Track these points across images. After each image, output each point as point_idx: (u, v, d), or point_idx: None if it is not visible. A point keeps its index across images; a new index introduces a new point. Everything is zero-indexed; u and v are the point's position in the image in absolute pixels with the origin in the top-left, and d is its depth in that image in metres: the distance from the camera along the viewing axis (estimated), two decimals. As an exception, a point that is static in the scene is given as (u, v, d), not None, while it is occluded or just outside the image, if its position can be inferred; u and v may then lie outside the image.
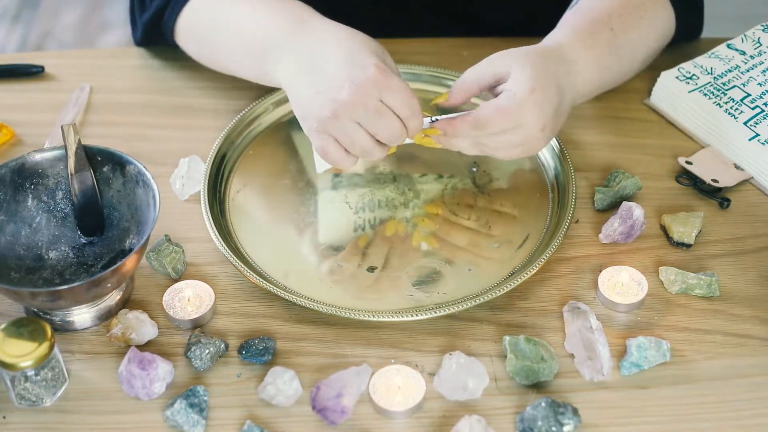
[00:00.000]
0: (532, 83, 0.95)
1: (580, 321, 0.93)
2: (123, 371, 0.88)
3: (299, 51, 0.99)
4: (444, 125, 0.97)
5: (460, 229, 1.03)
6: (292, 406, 0.88)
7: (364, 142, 0.93)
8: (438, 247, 1.01)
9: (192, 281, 0.97)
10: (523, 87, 0.94)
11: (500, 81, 0.98)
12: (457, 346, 0.93)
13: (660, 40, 1.14)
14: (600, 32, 1.05)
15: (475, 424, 0.85)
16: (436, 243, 1.02)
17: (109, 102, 1.20)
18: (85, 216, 0.99)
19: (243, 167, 1.10)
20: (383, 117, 0.92)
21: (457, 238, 1.02)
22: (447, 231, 1.03)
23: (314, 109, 0.94)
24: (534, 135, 0.96)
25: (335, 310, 0.93)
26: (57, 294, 0.88)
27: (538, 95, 0.95)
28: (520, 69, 0.96)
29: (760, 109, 1.11)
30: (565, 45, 1.02)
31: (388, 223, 1.04)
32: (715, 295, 0.97)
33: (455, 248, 1.01)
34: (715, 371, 0.91)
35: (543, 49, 1.01)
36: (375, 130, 0.93)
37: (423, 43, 1.27)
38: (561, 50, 1.02)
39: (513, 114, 0.94)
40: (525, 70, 0.95)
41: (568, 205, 1.02)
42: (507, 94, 0.95)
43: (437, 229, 1.03)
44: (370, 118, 0.92)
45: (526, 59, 0.97)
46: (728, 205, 1.06)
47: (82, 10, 2.76)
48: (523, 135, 0.96)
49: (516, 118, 0.95)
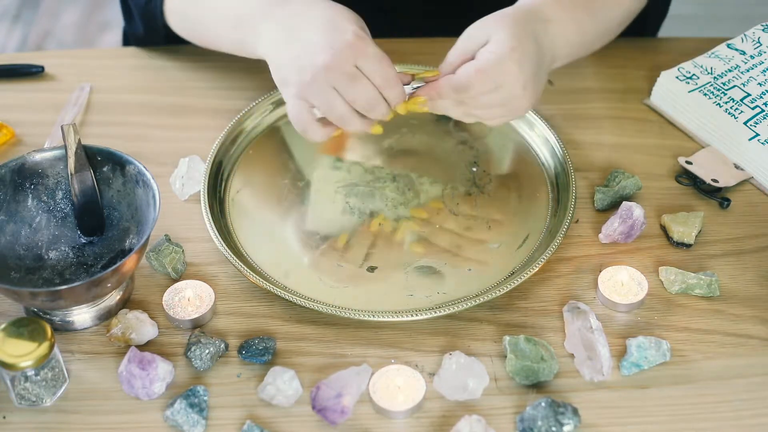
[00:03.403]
0: (511, 42, 0.94)
1: (580, 321, 0.93)
2: (123, 371, 0.88)
3: (279, 20, 0.99)
4: (427, 91, 0.96)
5: (460, 229, 1.03)
6: (292, 406, 0.88)
7: (341, 108, 0.93)
8: (438, 247, 1.01)
9: (192, 281, 0.97)
10: (502, 46, 0.94)
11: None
12: (457, 346, 0.93)
13: (636, 2, 1.13)
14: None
15: (475, 424, 0.85)
16: (436, 243, 1.02)
17: (109, 102, 1.20)
18: (85, 216, 0.99)
19: (243, 167, 1.10)
20: (359, 83, 0.92)
21: (457, 238, 1.02)
22: (447, 231, 1.03)
23: (293, 74, 0.94)
24: (516, 94, 0.95)
25: (335, 310, 0.93)
26: (57, 294, 0.88)
27: (517, 53, 0.94)
28: (499, 31, 0.95)
29: (760, 109, 1.11)
30: (543, 4, 1.02)
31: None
32: (715, 295, 0.97)
33: (455, 248, 1.01)
34: (715, 371, 0.91)
35: (520, 9, 1.00)
36: (352, 97, 0.93)
37: (423, 43, 1.27)
38: (539, 9, 1.01)
39: (493, 73, 0.94)
40: (503, 31, 0.95)
41: (568, 205, 1.02)
42: (486, 55, 0.94)
43: (437, 229, 1.03)
44: (347, 83, 0.92)
45: (503, 21, 0.96)
46: (728, 205, 1.06)
47: (82, 10, 2.76)
48: (504, 94, 0.95)
49: (496, 78, 0.94)
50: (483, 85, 0.94)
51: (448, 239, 1.02)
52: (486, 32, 0.96)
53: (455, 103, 0.97)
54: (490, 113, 0.98)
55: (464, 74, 0.94)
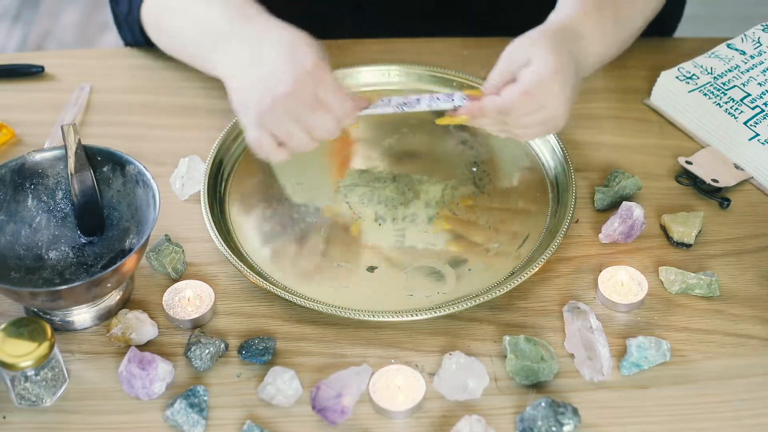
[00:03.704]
0: (554, 64, 0.95)
1: (580, 321, 0.93)
2: (123, 371, 0.88)
3: (242, 43, 0.99)
4: (470, 110, 0.97)
5: (460, 229, 1.03)
6: (292, 406, 0.88)
7: (299, 136, 0.94)
8: (438, 247, 1.01)
9: (192, 281, 0.97)
10: (546, 68, 0.95)
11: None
12: (457, 346, 0.93)
13: (655, 12, 1.14)
14: (606, 8, 1.05)
15: (475, 424, 0.85)
16: (435, 243, 1.02)
17: (109, 102, 1.20)
18: (85, 216, 0.99)
19: (243, 167, 1.10)
20: (318, 113, 0.93)
21: (457, 238, 1.02)
22: (447, 231, 1.03)
23: (253, 100, 0.95)
24: (556, 114, 0.96)
25: (335, 310, 0.93)
26: (57, 294, 0.88)
27: (559, 75, 0.95)
28: (540, 52, 0.96)
29: (760, 109, 1.11)
30: (576, 20, 1.02)
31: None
32: (715, 295, 0.97)
33: (455, 248, 1.01)
34: (715, 371, 0.91)
35: (558, 27, 1.01)
36: (311, 124, 0.94)
37: (423, 43, 1.27)
38: (573, 26, 1.01)
39: (538, 95, 0.95)
40: (545, 52, 0.96)
41: (568, 205, 1.02)
42: (531, 77, 0.95)
43: (437, 229, 1.03)
44: (306, 112, 0.93)
45: (544, 42, 0.97)
46: (728, 205, 1.06)
47: (82, 10, 2.76)
48: (546, 114, 0.96)
49: (540, 99, 0.95)
50: (527, 106, 0.95)
51: (448, 239, 1.02)
52: (527, 53, 0.96)
53: (495, 121, 0.98)
54: (529, 131, 0.99)
55: (510, 97, 0.95)
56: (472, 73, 1.20)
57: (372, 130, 1.15)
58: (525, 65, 0.96)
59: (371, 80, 1.20)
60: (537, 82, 0.94)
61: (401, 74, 1.20)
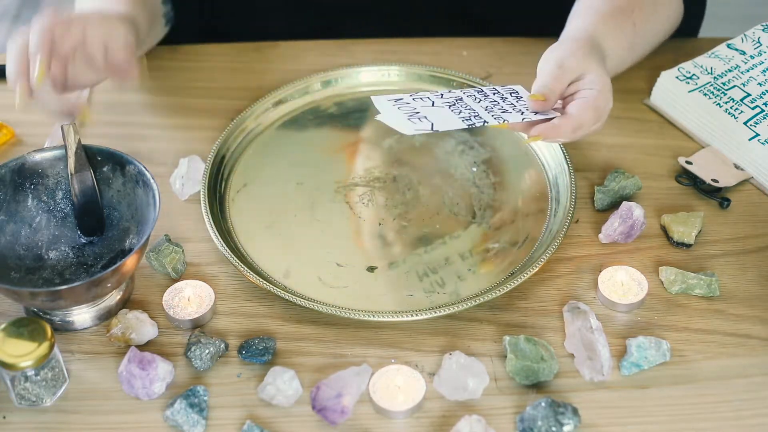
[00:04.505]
0: (606, 77, 0.98)
1: (580, 321, 0.93)
2: (123, 371, 0.88)
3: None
4: (545, 132, 0.95)
5: (460, 229, 1.03)
6: (292, 406, 0.88)
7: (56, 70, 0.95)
8: (438, 248, 1.01)
9: (192, 281, 0.97)
10: (602, 83, 0.97)
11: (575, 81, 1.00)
12: (457, 346, 0.93)
13: (668, 32, 1.17)
14: (625, 25, 1.07)
15: (475, 424, 0.85)
16: (435, 243, 1.02)
17: (109, 102, 1.20)
18: (85, 216, 0.99)
19: (243, 167, 1.10)
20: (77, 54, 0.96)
21: (457, 239, 1.02)
22: (447, 231, 1.03)
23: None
24: (604, 120, 0.99)
25: (335, 310, 0.93)
26: (57, 294, 0.88)
27: (609, 88, 0.98)
28: (595, 67, 0.98)
29: (760, 109, 1.11)
30: (599, 35, 1.04)
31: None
32: (715, 295, 0.97)
33: (455, 248, 1.01)
34: (715, 371, 0.91)
35: (590, 41, 1.02)
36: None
37: (423, 43, 1.27)
38: (598, 41, 1.03)
39: (601, 110, 0.97)
40: (597, 66, 0.98)
41: (568, 205, 1.02)
42: (595, 94, 0.96)
43: (437, 229, 1.03)
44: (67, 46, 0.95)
45: (593, 56, 0.99)
46: (728, 205, 1.06)
47: (82, 10, 2.75)
48: (597, 128, 0.98)
49: (601, 114, 0.97)
50: (592, 121, 0.96)
51: (448, 239, 1.02)
52: (581, 66, 0.97)
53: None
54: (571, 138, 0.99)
55: (585, 116, 0.96)
56: (472, 73, 1.20)
57: (372, 130, 1.15)
58: (579, 78, 0.97)
59: (371, 80, 1.20)
60: (600, 99, 0.96)
61: (401, 74, 1.20)
